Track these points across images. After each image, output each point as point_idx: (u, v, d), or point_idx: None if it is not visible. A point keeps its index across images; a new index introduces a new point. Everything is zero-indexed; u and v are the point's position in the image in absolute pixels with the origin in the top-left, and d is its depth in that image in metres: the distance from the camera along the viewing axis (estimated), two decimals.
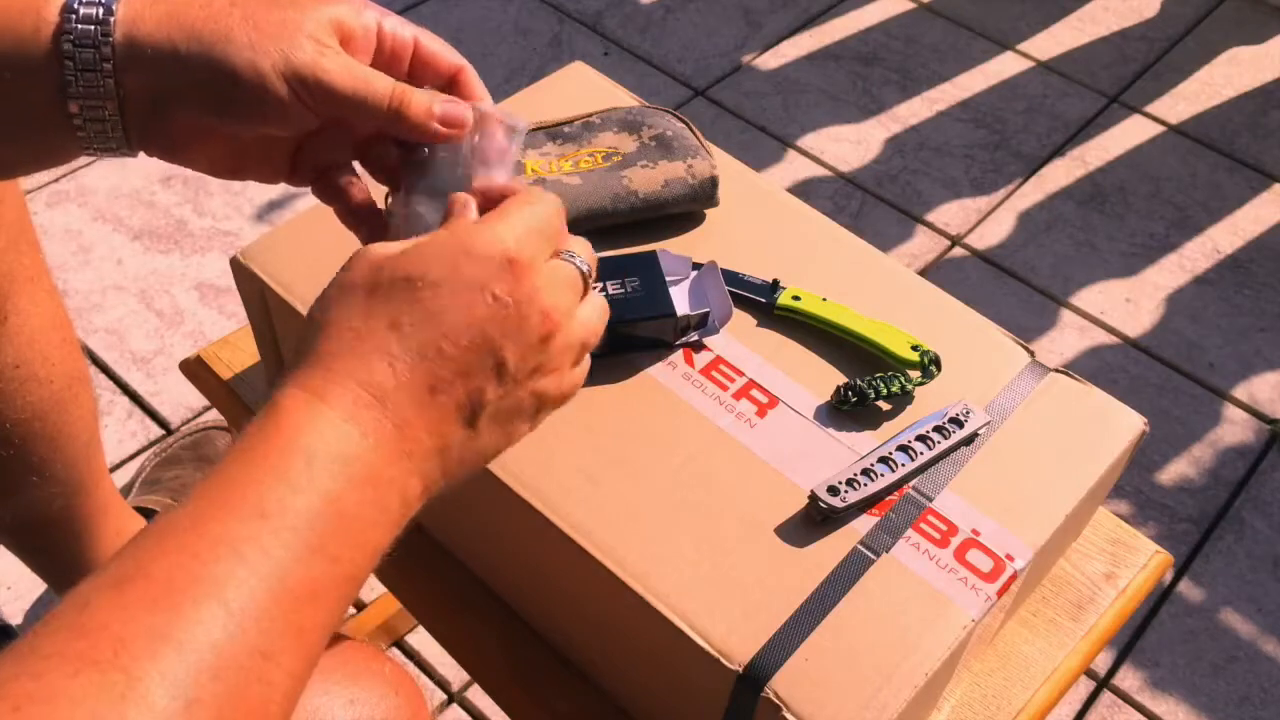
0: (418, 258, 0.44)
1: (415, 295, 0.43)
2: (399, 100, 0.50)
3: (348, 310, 0.44)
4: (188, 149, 0.51)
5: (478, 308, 0.44)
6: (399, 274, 0.44)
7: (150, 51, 0.48)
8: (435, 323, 0.43)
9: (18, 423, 0.85)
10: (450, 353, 0.43)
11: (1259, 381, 1.48)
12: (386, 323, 0.43)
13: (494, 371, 0.45)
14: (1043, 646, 0.71)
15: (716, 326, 0.70)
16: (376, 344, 0.43)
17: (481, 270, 0.44)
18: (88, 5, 0.47)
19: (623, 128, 0.80)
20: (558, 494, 0.63)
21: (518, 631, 0.73)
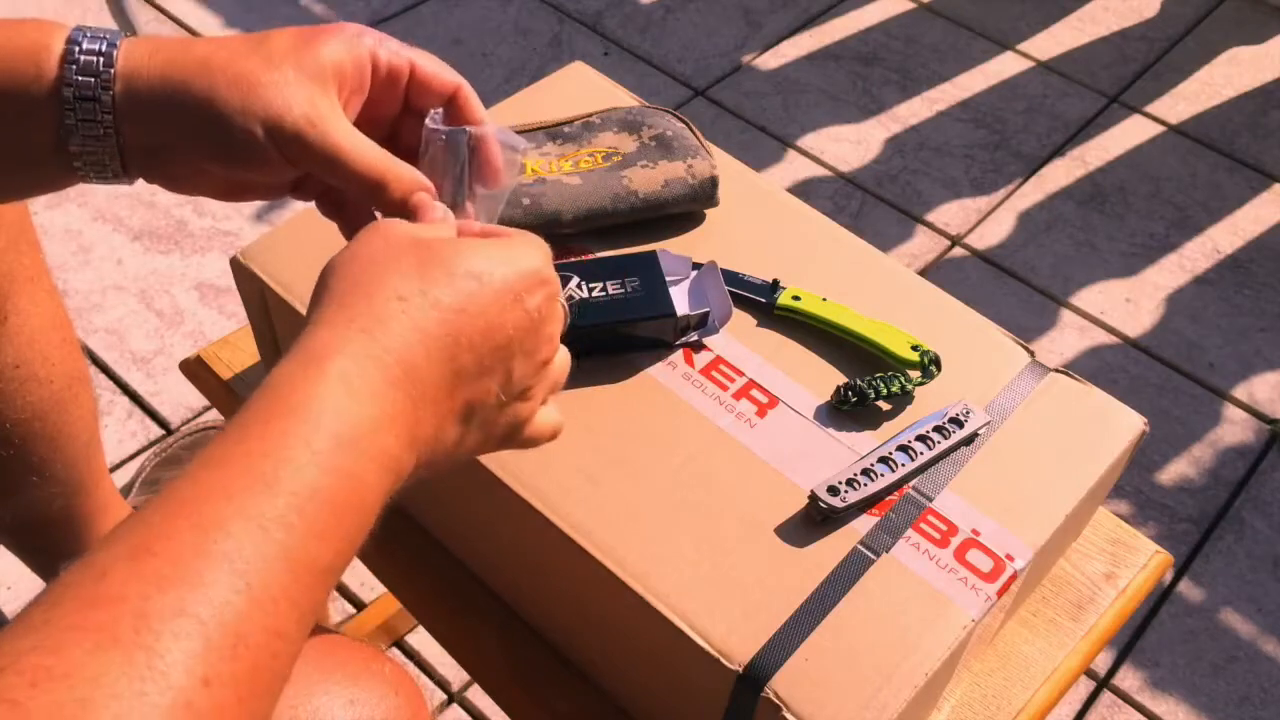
0: (467, 250, 0.45)
1: (461, 284, 0.44)
2: (382, 178, 0.50)
3: (395, 277, 0.43)
4: (187, 185, 0.52)
5: (511, 313, 0.45)
6: (449, 259, 0.44)
7: (148, 104, 0.48)
8: (474, 316, 0.44)
9: (18, 423, 0.85)
10: (480, 348, 0.44)
11: (1259, 381, 1.48)
12: (431, 300, 0.43)
13: (503, 378, 0.46)
14: (1043, 646, 0.71)
15: (716, 326, 0.70)
16: (417, 318, 0.43)
17: (520, 280, 0.45)
18: (88, 54, 0.48)
19: (623, 128, 0.80)
20: (558, 494, 0.63)
21: (518, 631, 0.73)
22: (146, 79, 0.48)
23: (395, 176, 0.50)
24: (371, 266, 0.44)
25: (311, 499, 0.38)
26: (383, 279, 0.43)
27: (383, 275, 0.43)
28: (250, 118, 0.48)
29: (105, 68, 0.48)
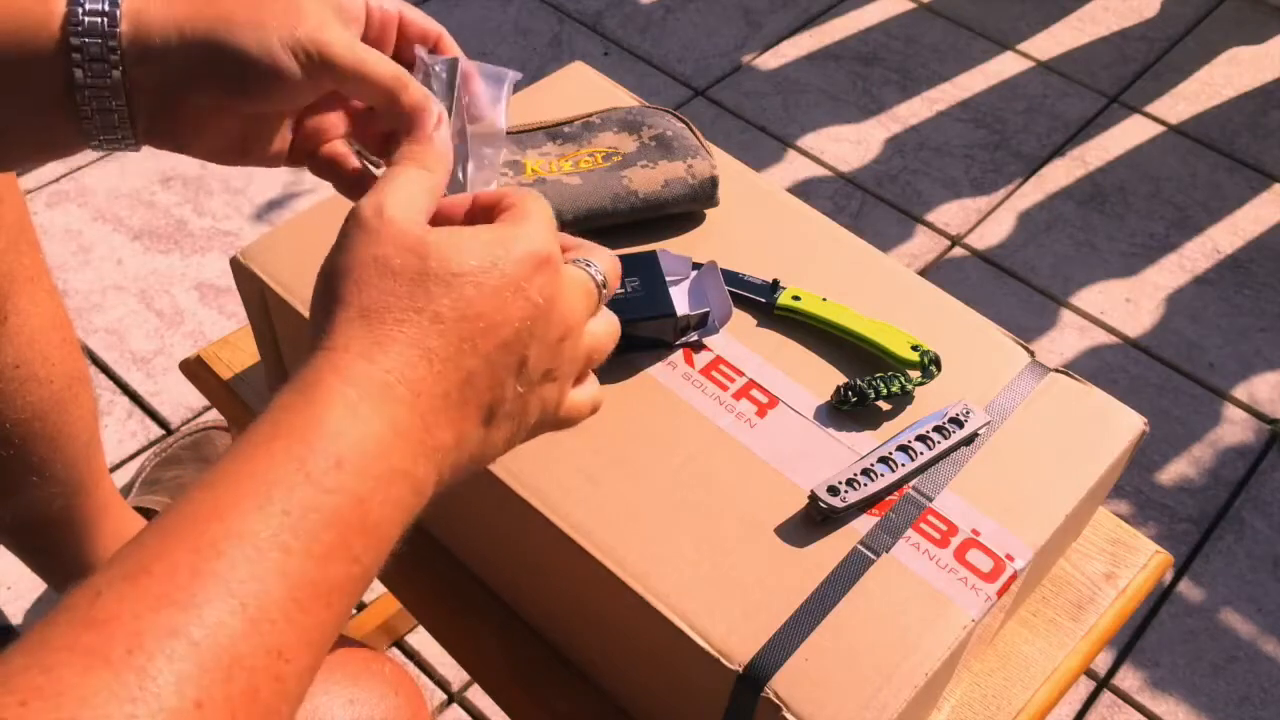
0: (457, 250, 0.43)
1: (459, 291, 0.43)
2: (399, 83, 0.51)
3: (388, 294, 0.42)
4: (194, 138, 0.52)
5: (514, 306, 0.44)
6: (442, 265, 0.43)
7: (158, 41, 0.48)
8: (475, 319, 0.43)
9: (18, 423, 0.85)
10: (484, 350, 0.43)
11: (1259, 381, 1.48)
12: (429, 315, 0.42)
13: (517, 369, 0.45)
14: (1043, 646, 0.71)
15: (716, 326, 0.70)
16: (417, 336, 0.42)
17: (519, 269, 0.44)
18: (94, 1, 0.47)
19: (623, 128, 0.80)
20: (558, 494, 0.63)
21: (518, 631, 0.73)
22: (154, 15, 0.48)
23: (406, 84, 0.51)
24: (365, 284, 0.43)
25: (305, 518, 0.37)
26: (378, 299, 0.42)
27: (377, 295, 0.42)
28: (267, 33, 0.48)
29: (112, 8, 0.48)
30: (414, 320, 0.42)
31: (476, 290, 0.43)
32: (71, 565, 1.00)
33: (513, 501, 0.63)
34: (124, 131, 0.50)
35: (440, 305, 0.42)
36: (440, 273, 0.43)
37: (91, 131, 0.50)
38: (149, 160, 1.61)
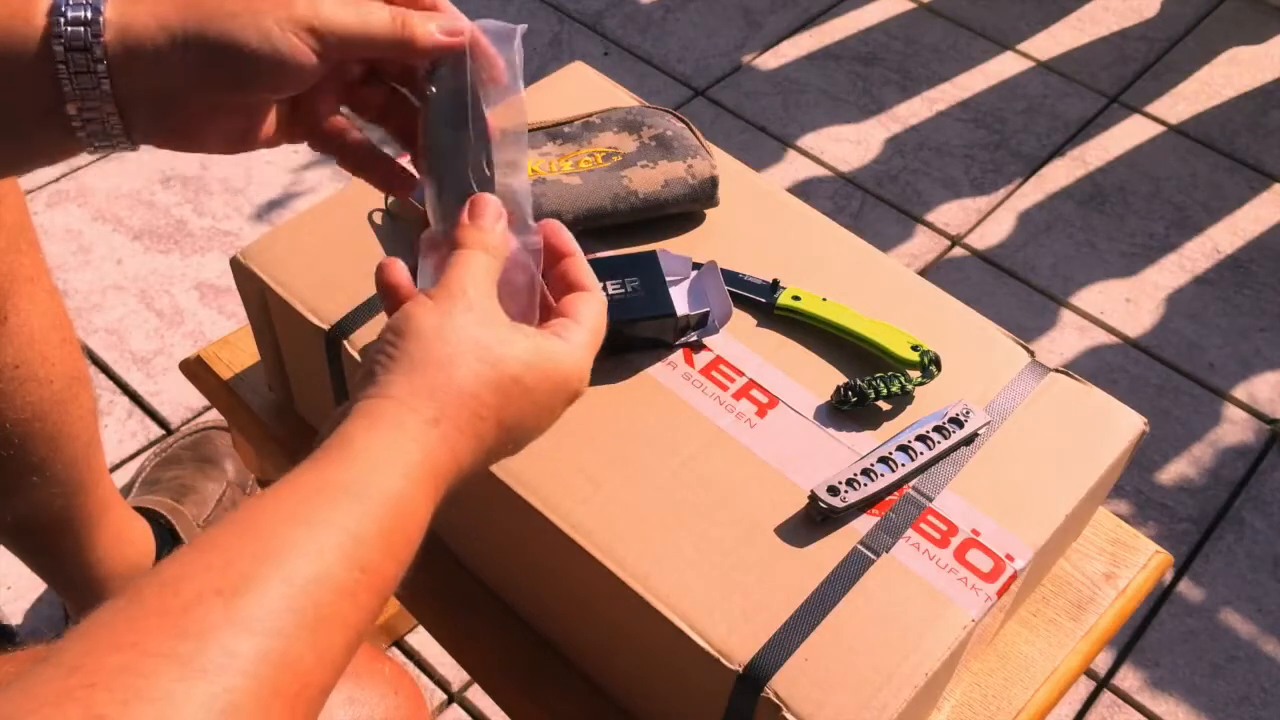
0: (537, 374, 0.49)
1: (522, 406, 0.49)
2: (402, 26, 0.51)
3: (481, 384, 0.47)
4: (200, 135, 0.52)
5: (542, 421, 0.51)
6: (524, 385, 0.48)
7: (148, 47, 0.48)
8: (520, 428, 0.49)
9: (18, 423, 0.85)
10: (514, 444, 0.50)
11: (1259, 381, 1.48)
12: (499, 419, 0.48)
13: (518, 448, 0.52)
14: (1043, 646, 0.71)
15: (716, 326, 0.70)
16: (484, 434, 0.47)
17: (561, 402, 0.51)
18: (75, 7, 0.47)
19: (623, 128, 0.80)
20: (558, 494, 0.63)
21: (518, 631, 0.73)
22: (141, 21, 0.48)
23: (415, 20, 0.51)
24: (459, 362, 0.47)
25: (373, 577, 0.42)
26: (470, 384, 0.47)
27: (470, 380, 0.47)
28: (264, 19, 0.48)
29: (94, 17, 0.47)
30: (488, 419, 0.48)
31: (533, 408, 0.49)
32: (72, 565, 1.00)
33: (513, 502, 0.63)
34: (118, 138, 0.50)
35: (507, 413, 0.48)
36: (518, 380, 0.48)
37: (85, 139, 0.50)
38: (149, 160, 1.61)
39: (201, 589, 0.37)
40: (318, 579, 0.39)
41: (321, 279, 0.72)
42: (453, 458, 0.46)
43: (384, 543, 0.42)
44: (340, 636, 0.40)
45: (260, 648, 0.36)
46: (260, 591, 0.38)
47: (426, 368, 0.46)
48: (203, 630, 0.36)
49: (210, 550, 0.39)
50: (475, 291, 0.49)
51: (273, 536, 0.40)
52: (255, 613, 0.37)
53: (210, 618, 0.36)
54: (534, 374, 0.49)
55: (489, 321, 0.48)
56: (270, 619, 0.37)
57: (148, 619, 0.36)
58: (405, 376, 0.46)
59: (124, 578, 1.05)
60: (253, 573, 0.38)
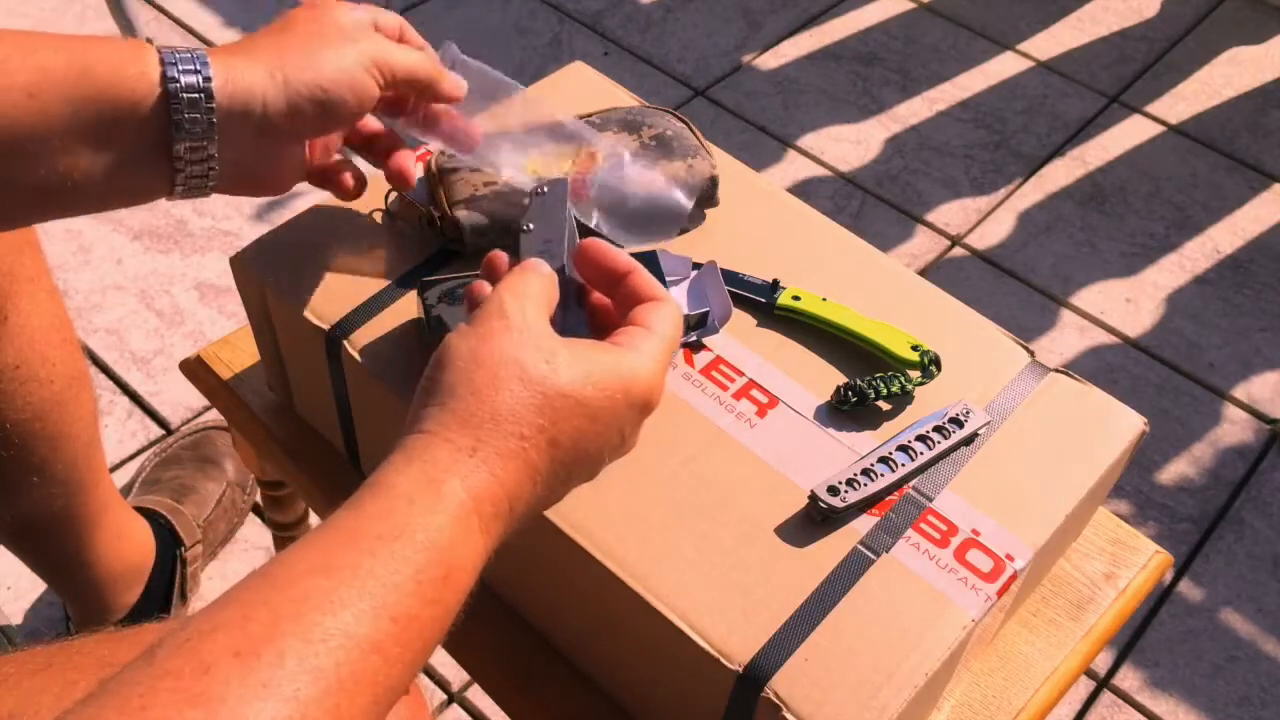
0: (585, 379, 0.46)
1: (576, 422, 0.46)
2: (437, 73, 0.62)
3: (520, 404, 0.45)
4: (274, 179, 0.59)
5: (609, 438, 0.48)
6: (571, 389, 0.46)
7: (258, 101, 0.54)
8: (580, 449, 0.47)
9: (18, 423, 0.85)
10: (576, 469, 0.48)
11: (1259, 381, 1.48)
12: (548, 438, 0.45)
13: (592, 472, 0.50)
14: (1043, 646, 0.71)
15: (716, 326, 0.70)
16: (534, 459, 0.45)
17: (627, 413, 0.48)
18: (186, 73, 0.52)
19: (623, 128, 0.80)
20: None
21: (518, 631, 0.73)
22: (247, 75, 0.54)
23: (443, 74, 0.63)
24: (502, 385, 0.45)
25: (409, 626, 0.40)
26: (511, 405, 0.45)
27: (511, 400, 0.45)
28: (341, 54, 0.55)
29: (205, 82, 0.52)
30: (534, 439, 0.45)
31: (590, 424, 0.46)
32: (72, 565, 1.00)
33: None
34: (209, 186, 0.55)
35: (559, 431, 0.45)
36: (567, 394, 0.46)
37: (180, 182, 0.54)
38: None
39: (218, 650, 0.35)
40: (341, 634, 0.37)
41: (321, 279, 0.72)
42: (499, 486, 0.44)
43: (420, 588, 0.40)
44: (367, 694, 0.37)
45: (273, 714, 0.34)
46: (276, 651, 0.36)
47: (462, 396, 0.44)
48: (214, 696, 0.34)
49: (231, 606, 0.37)
50: (517, 311, 0.47)
51: (293, 588, 0.38)
52: (270, 676, 0.35)
53: (223, 682, 0.34)
54: (592, 388, 0.46)
55: (532, 342, 0.46)
56: (286, 682, 0.35)
57: (161, 681, 0.34)
58: (440, 408, 0.45)
59: (124, 577, 1.05)
60: (270, 631, 0.36)
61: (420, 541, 0.41)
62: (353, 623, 0.37)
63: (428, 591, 0.40)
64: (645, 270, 0.53)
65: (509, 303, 0.47)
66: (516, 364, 0.45)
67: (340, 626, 0.37)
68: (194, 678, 0.34)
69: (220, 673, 0.35)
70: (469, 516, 0.43)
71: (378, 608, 0.38)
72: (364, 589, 0.38)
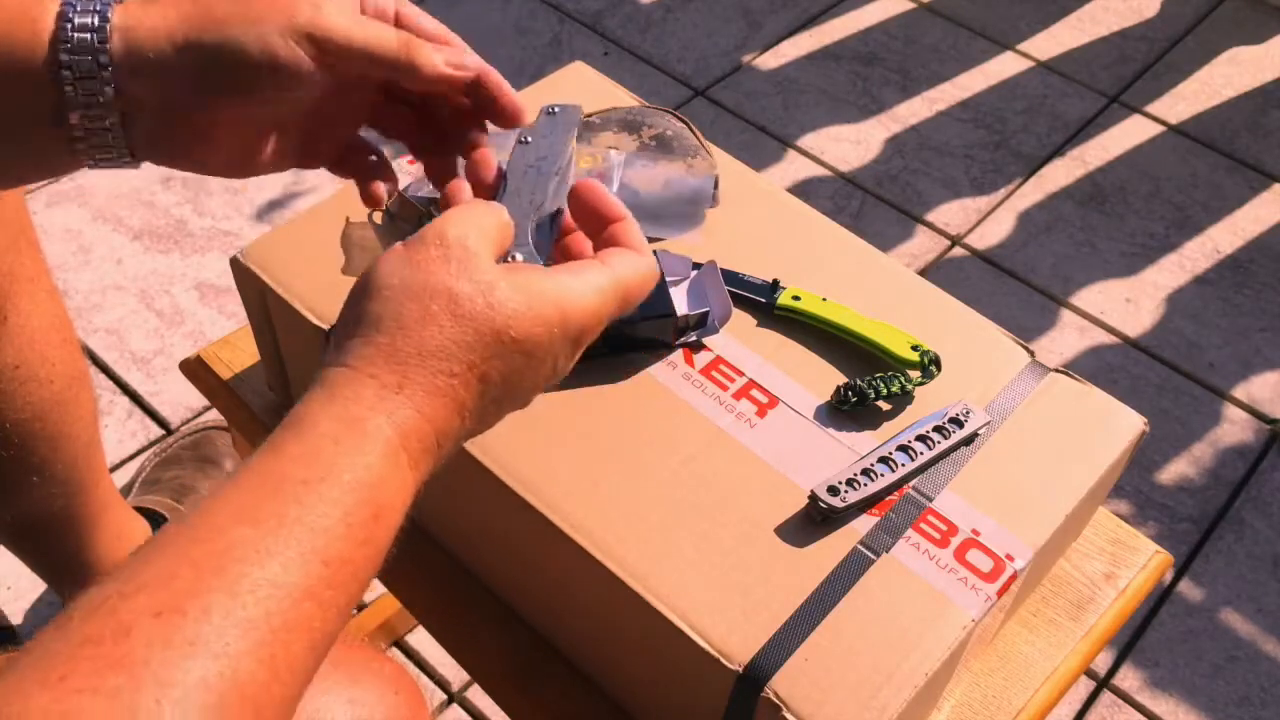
0: (522, 313, 0.43)
1: (509, 359, 0.43)
2: (407, 48, 0.50)
3: (450, 339, 0.42)
4: (203, 152, 0.50)
5: (543, 371, 0.45)
6: (505, 324, 0.43)
7: (151, 54, 0.47)
8: (510, 384, 0.44)
9: (18, 423, 0.85)
10: (507, 401, 0.45)
11: (1259, 381, 1.48)
12: (479, 375, 0.43)
13: (523, 402, 0.47)
14: (1043, 646, 0.71)
15: (716, 326, 0.70)
16: (462, 396, 0.43)
17: (561, 344, 0.45)
18: (83, 14, 0.46)
19: (623, 128, 0.80)
20: (558, 494, 0.63)
21: (518, 631, 0.73)
22: (146, 27, 0.47)
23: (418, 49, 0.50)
24: (431, 319, 0.42)
25: (341, 570, 0.38)
26: (439, 340, 0.42)
27: (439, 335, 0.42)
28: (264, 28, 0.47)
29: (101, 23, 0.46)
30: (463, 376, 0.42)
31: (525, 360, 0.44)
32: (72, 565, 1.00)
33: (513, 501, 0.63)
34: (119, 150, 0.49)
35: (490, 368, 0.43)
36: (501, 331, 0.43)
37: (84, 151, 0.49)
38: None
39: (138, 611, 0.33)
40: (270, 584, 0.35)
41: (321, 279, 0.72)
42: (427, 423, 0.42)
43: (350, 530, 0.38)
44: (303, 642, 0.36)
45: (201, 673, 0.33)
46: (201, 607, 0.34)
47: (389, 330, 0.42)
48: (136, 660, 0.32)
49: (152, 564, 0.35)
50: (457, 240, 0.44)
51: (217, 540, 0.36)
52: (196, 632, 0.33)
53: (146, 644, 0.32)
54: (529, 320, 0.43)
55: (468, 274, 0.43)
56: (214, 637, 0.33)
57: (81, 649, 0.32)
58: (365, 341, 0.42)
59: None
60: (194, 586, 0.34)
61: (347, 482, 0.39)
62: (281, 571, 0.36)
63: (358, 533, 0.39)
64: (635, 223, 0.50)
65: (450, 230, 0.44)
66: (450, 296, 0.42)
67: (268, 576, 0.35)
68: (114, 642, 0.33)
69: (142, 635, 0.33)
70: (396, 454, 0.41)
71: (307, 553, 0.37)
72: (291, 535, 0.37)
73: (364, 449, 0.40)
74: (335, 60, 0.48)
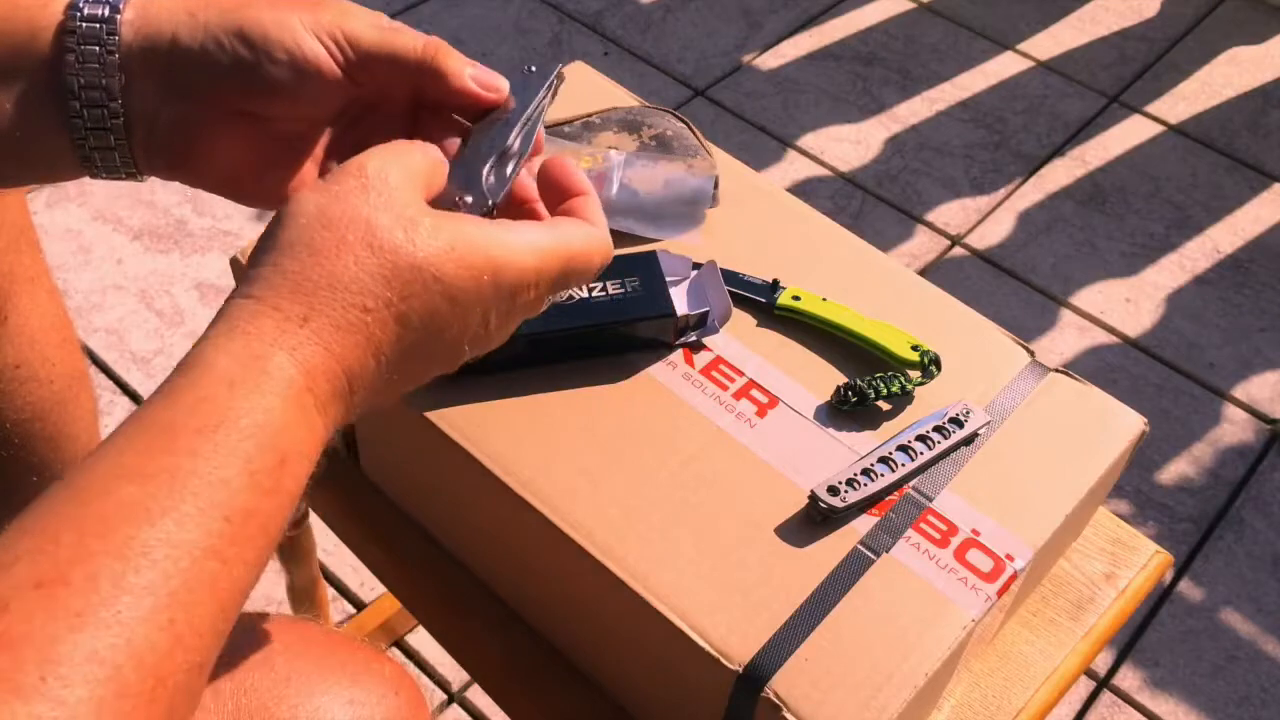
0: (447, 252, 0.40)
1: (430, 299, 0.40)
2: (433, 53, 0.46)
3: (364, 270, 0.39)
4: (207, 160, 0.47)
5: (469, 324, 0.42)
6: (426, 261, 0.40)
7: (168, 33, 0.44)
8: (433, 330, 0.41)
9: (18, 423, 0.85)
10: (430, 352, 0.42)
11: (1259, 381, 1.48)
12: (395, 315, 0.39)
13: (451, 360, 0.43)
14: (1043, 646, 0.71)
15: (716, 326, 0.70)
16: (376, 335, 0.39)
17: (493, 298, 0.42)
18: (93, 4, 0.44)
19: (623, 128, 0.80)
20: (558, 494, 0.63)
21: (518, 631, 0.73)
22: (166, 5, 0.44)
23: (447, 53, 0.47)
24: (345, 248, 0.39)
25: (245, 525, 0.35)
26: (353, 272, 0.38)
27: (353, 266, 0.38)
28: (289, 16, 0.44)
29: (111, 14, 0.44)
30: (378, 314, 0.39)
31: (448, 305, 0.40)
32: None
33: (513, 502, 0.63)
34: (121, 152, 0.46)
35: (409, 307, 0.39)
36: (421, 267, 0.40)
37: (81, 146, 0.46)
38: None
39: (17, 583, 0.31)
40: (164, 543, 0.32)
41: None
42: (335, 361, 0.38)
43: (254, 479, 0.35)
44: (208, 604, 0.33)
45: (91, 645, 0.30)
46: (86, 574, 0.31)
47: (299, 255, 0.38)
48: (16, 636, 0.29)
49: (32, 532, 0.32)
50: (378, 171, 0.41)
51: (102, 501, 0.33)
52: (83, 603, 0.31)
53: (26, 619, 0.30)
54: (453, 264, 0.40)
55: (392, 203, 0.40)
56: (102, 607, 0.31)
57: None
58: (273, 268, 0.38)
59: None
60: (77, 553, 0.31)
61: (246, 427, 0.35)
62: (176, 529, 0.33)
63: (263, 481, 0.35)
64: (596, 200, 0.48)
65: (371, 163, 0.41)
66: (367, 227, 0.39)
67: (161, 536, 0.32)
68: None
69: (22, 608, 0.30)
70: (302, 395, 0.37)
71: (206, 508, 0.33)
72: (186, 489, 0.33)
73: (264, 389, 0.36)
74: (360, 64, 0.46)
